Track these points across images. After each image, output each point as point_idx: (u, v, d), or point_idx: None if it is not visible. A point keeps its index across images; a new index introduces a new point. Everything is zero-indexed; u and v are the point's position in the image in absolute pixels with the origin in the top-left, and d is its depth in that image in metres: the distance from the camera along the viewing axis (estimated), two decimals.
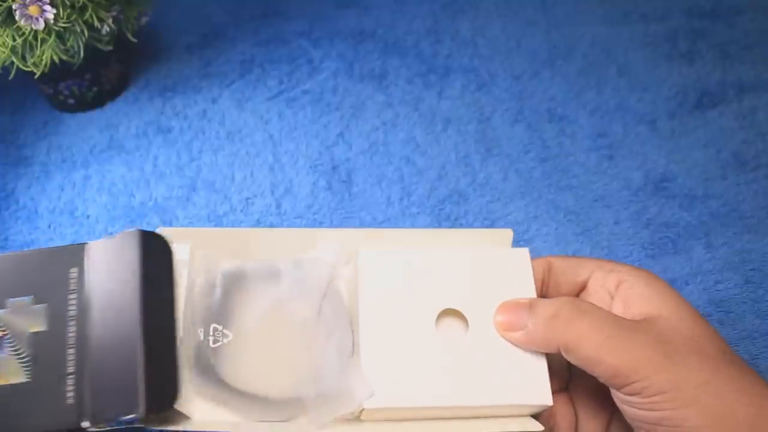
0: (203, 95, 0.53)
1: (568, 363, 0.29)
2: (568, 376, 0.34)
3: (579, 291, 0.32)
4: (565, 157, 0.49)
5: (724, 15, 0.59)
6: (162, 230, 0.32)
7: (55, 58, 0.43)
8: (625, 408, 0.28)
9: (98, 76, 0.50)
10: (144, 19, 0.49)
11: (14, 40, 0.42)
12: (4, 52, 0.42)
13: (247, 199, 0.46)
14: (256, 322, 0.32)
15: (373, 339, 0.30)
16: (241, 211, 0.46)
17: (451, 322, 0.32)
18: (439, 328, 0.31)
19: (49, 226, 0.45)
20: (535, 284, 0.32)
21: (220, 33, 0.58)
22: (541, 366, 0.30)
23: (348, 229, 0.34)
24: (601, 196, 0.47)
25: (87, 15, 0.43)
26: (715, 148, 0.50)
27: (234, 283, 0.32)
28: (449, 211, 0.46)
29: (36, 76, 0.45)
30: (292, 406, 0.30)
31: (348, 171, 0.48)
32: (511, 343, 0.30)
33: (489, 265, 0.32)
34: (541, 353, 0.30)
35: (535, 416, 0.31)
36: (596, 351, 0.27)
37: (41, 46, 0.43)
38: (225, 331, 0.31)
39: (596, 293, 0.31)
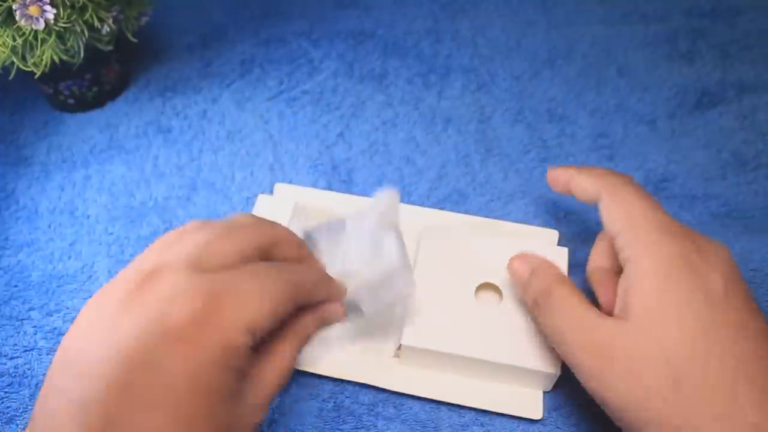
0: (203, 95, 0.53)
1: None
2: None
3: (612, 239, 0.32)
4: (565, 157, 0.49)
5: (724, 15, 0.59)
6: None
7: (55, 58, 0.43)
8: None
9: (98, 76, 0.50)
10: (144, 19, 0.49)
11: (14, 40, 0.42)
12: (4, 52, 0.42)
13: (247, 198, 0.46)
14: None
15: (422, 295, 0.36)
16: (242, 211, 0.46)
17: (489, 294, 0.38)
18: (478, 297, 0.38)
19: (49, 226, 0.45)
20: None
21: (220, 33, 0.58)
22: None
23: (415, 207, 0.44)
24: None
25: (87, 15, 0.43)
26: (715, 148, 0.50)
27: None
28: (449, 210, 0.46)
29: (36, 76, 0.45)
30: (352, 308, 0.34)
31: (348, 171, 0.48)
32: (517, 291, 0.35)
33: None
34: None
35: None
36: (551, 338, 0.31)
37: (41, 46, 0.43)
38: None
39: (616, 258, 0.31)
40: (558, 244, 0.42)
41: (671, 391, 0.25)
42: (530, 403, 0.36)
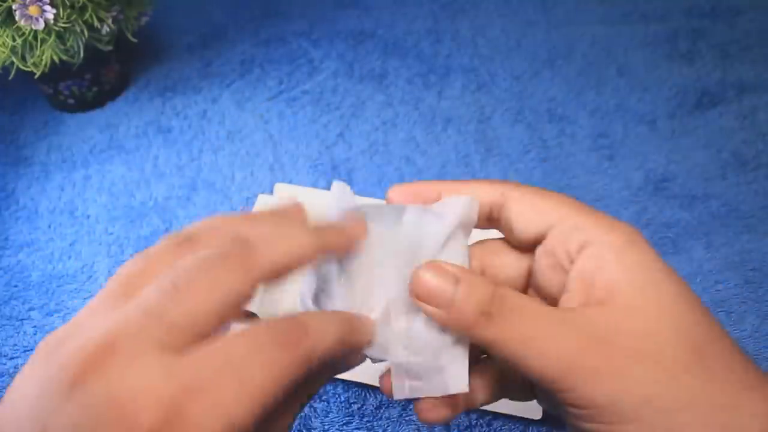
0: (203, 95, 0.53)
1: None
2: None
3: (534, 244, 0.26)
4: (565, 157, 0.49)
5: (724, 15, 0.59)
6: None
7: (55, 58, 0.43)
8: (562, 414, 0.24)
9: (98, 76, 0.50)
10: (144, 19, 0.49)
11: (14, 40, 0.42)
12: (4, 52, 0.42)
13: (247, 198, 0.46)
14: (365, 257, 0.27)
15: None
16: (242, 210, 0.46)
17: None
18: None
19: (49, 226, 0.45)
20: (479, 222, 0.27)
21: (220, 33, 0.58)
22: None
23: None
24: (601, 196, 0.47)
25: (87, 15, 0.43)
26: (715, 148, 0.50)
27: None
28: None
29: (36, 76, 0.45)
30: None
31: (348, 171, 0.48)
32: (427, 314, 0.25)
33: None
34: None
35: None
36: (520, 350, 0.23)
37: (41, 46, 0.43)
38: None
39: (554, 255, 0.25)
40: None
41: (694, 363, 0.22)
42: (530, 403, 0.36)
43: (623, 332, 0.22)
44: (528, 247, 0.26)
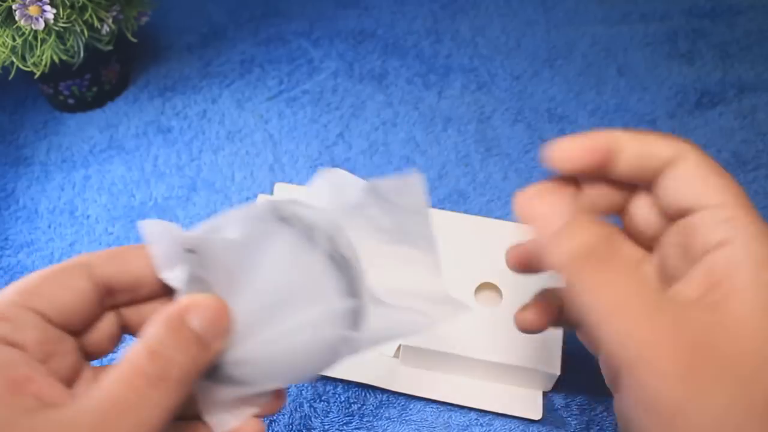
0: (203, 95, 0.53)
1: None
2: None
3: (674, 215, 0.23)
4: None
5: (724, 15, 0.59)
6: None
7: (55, 58, 0.43)
8: (619, 410, 0.22)
9: (98, 76, 0.50)
10: (144, 19, 0.49)
11: (14, 40, 0.42)
12: (4, 52, 0.42)
13: (247, 198, 0.46)
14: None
15: None
16: None
17: (488, 294, 0.38)
18: (478, 297, 0.38)
19: (49, 226, 0.45)
20: (631, 173, 0.24)
21: (220, 33, 0.58)
22: (557, 338, 0.35)
23: None
24: None
25: (87, 15, 0.43)
26: (715, 148, 0.50)
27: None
28: (449, 210, 0.46)
29: (36, 76, 0.45)
30: None
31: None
32: (525, 219, 0.24)
33: None
34: (559, 329, 0.28)
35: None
36: (600, 311, 0.20)
37: (41, 46, 0.43)
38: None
39: (689, 236, 0.22)
40: None
41: None
42: (530, 403, 0.36)
43: (723, 348, 0.20)
44: (673, 214, 0.23)
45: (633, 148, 0.23)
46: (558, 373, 0.34)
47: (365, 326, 0.24)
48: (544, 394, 0.36)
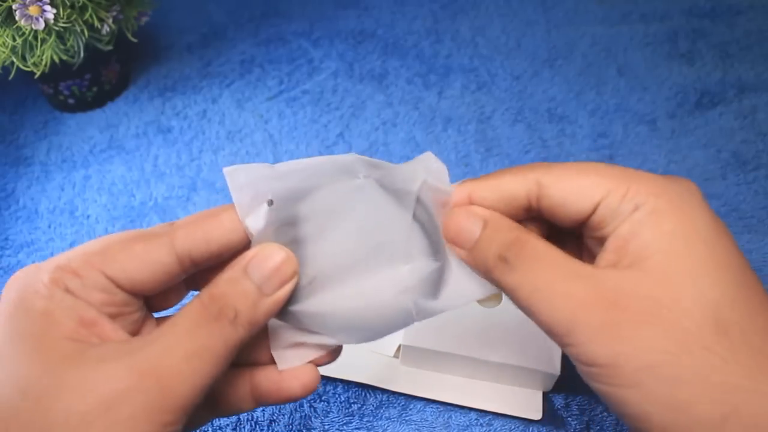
0: (203, 95, 0.53)
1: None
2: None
3: (581, 224, 0.24)
4: (565, 157, 0.49)
5: (724, 15, 0.59)
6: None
7: (55, 58, 0.43)
8: (582, 376, 0.23)
9: (98, 76, 0.50)
10: (144, 19, 0.49)
11: (14, 40, 0.42)
12: (4, 52, 0.42)
13: None
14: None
15: None
16: None
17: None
18: (481, 300, 0.35)
19: (49, 226, 0.45)
20: (518, 214, 0.26)
21: (220, 33, 0.58)
22: None
23: None
24: None
25: (87, 15, 0.43)
26: (715, 148, 0.50)
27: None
28: None
29: (36, 76, 0.45)
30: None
31: None
32: (456, 255, 0.25)
33: None
34: None
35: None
36: (529, 300, 0.22)
37: (41, 46, 0.43)
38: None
39: (601, 228, 0.24)
40: None
41: (714, 337, 0.20)
42: (530, 403, 0.36)
43: (640, 297, 0.21)
44: (576, 227, 0.25)
45: (500, 204, 0.25)
46: (558, 373, 0.34)
47: (445, 289, 0.25)
48: (544, 394, 0.36)
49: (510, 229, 0.24)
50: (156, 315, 0.26)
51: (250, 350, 0.25)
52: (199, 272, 0.25)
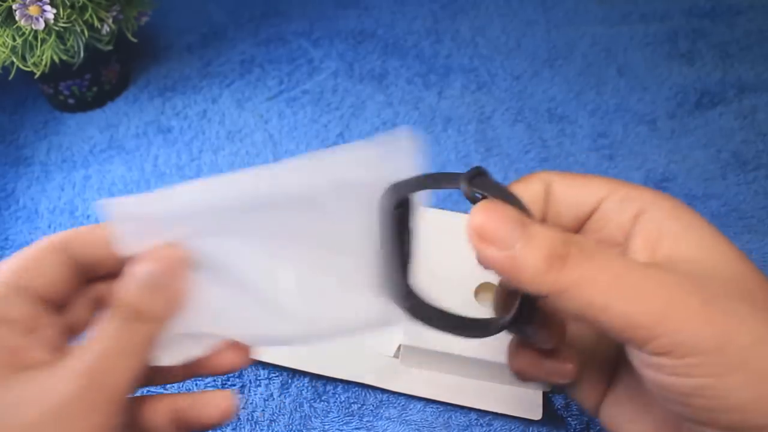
0: (203, 95, 0.53)
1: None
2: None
3: (582, 223, 0.25)
4: (565, 157, 0.49)
5: (724, 15, 0.59)
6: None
7: (55, 58, 0.43)
8: (648, 373, 0.21)
9: (98, 76, 0.50)
10: (144, 19, 0.49)
11: (14, 40, 0.42)
12: (4, 52, 0.42)
13: None
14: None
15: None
16: None
17: (489, 294, 0.37)
18: (478, 297, 0.37)
19: (49, 226, 0.45)
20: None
21: (220, 33, 0.58)
22: None
23: None
24: None
25: (87, 15, 0.43)
26: (715, 148, 0.50)
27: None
28: (449, 209, 0.46)
29: (36, 76, 0.45)
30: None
31: None
32: (481, 260, 0.23)
33: None
34: None
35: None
36: (602, 294, 0.20)
37: (41, 46, 0.43)
38: None
39: (605, 228, 0.24)
40: None
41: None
42: (530, 403, 0.36)
43: (712, 279, 0.21)
44: (575, 228, 0.25)
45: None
46: None
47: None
48: (544, 394, 0.36)
49: (555, 229, 0.22)
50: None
51: (167, 375, 0.26)
52: (105, 286, 0.26)
